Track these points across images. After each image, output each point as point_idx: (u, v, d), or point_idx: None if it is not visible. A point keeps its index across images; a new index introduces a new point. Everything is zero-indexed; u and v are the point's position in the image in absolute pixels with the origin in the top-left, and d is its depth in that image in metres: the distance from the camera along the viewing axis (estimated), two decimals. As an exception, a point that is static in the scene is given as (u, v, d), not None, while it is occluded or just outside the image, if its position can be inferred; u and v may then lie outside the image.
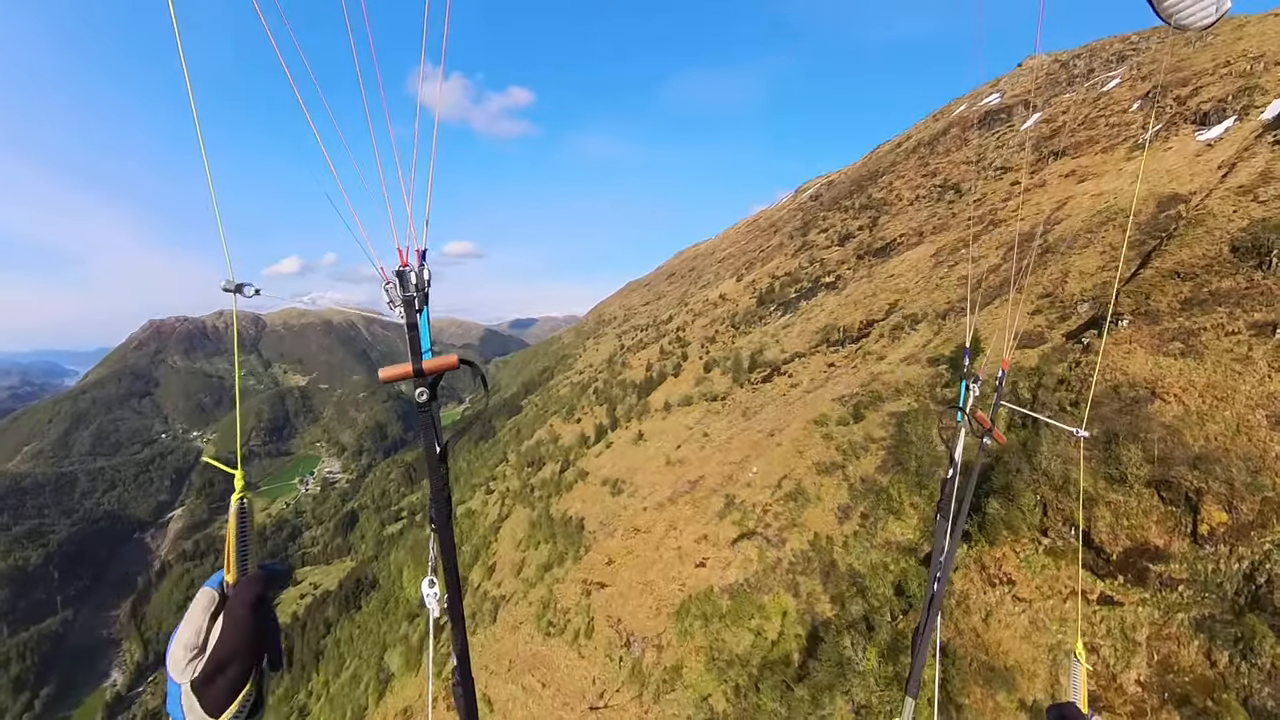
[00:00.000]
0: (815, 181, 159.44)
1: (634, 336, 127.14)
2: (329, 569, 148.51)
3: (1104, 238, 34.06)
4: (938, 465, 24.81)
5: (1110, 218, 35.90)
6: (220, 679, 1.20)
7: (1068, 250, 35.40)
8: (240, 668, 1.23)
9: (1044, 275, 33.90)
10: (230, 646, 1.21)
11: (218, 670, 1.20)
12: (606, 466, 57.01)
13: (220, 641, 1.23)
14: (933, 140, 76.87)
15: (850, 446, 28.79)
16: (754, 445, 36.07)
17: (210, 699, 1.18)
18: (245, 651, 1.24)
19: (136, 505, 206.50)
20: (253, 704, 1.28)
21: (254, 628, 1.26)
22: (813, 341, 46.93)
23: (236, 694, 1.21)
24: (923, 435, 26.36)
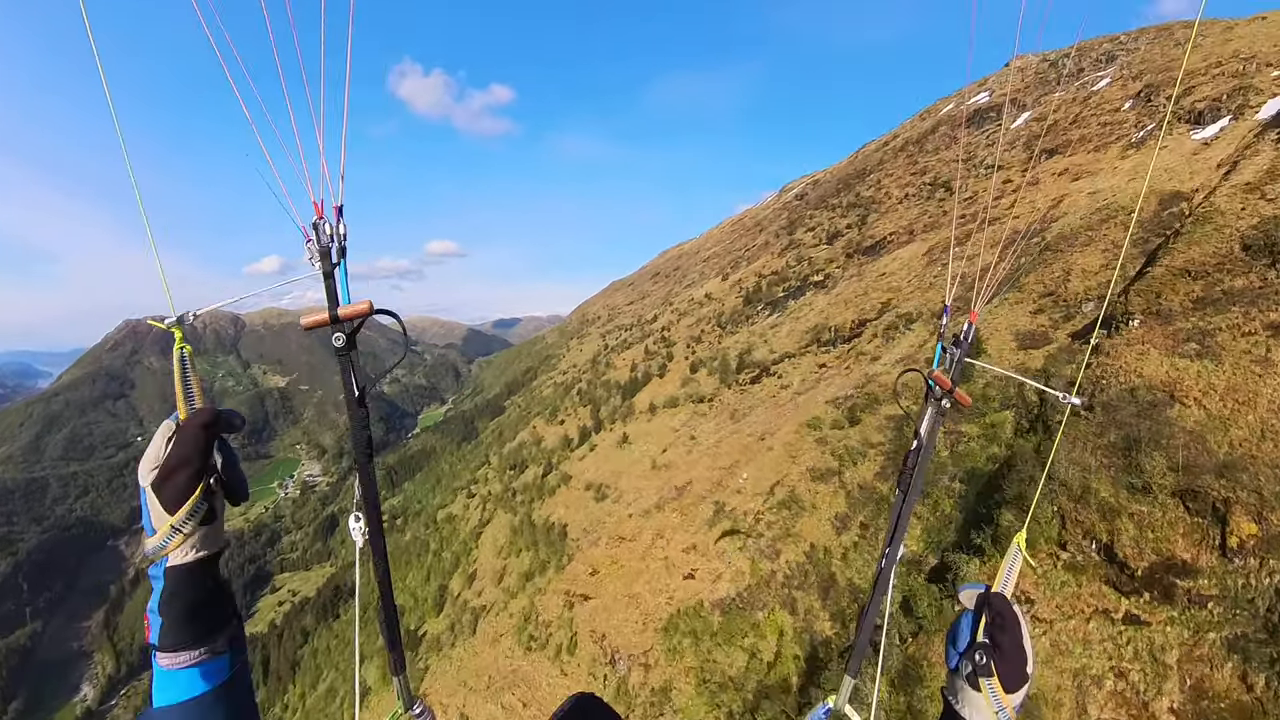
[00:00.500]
0: (800, 181, 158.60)
1: (618, 336, 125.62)
2: (308, 575, 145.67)
3: (1106, 235, 33.02)
4: (942, 472, 23.50)
5: (1111, 215, 34.91)
6: (171, 482, 1.40)
7: (1068, 248, 34.35)
8: (188, 474, 1.40)
9: (1045, 274, 32.80)
10: (180, 455, 1.40)
11: (169, 474, 1.40)
12: (590, 470, 55.39)
13: (171, 451, 1.40)
14: (921, 139, 76.01)
15: (847, 452, 27.41)
16: (744, 449, 34.65)
17: (165, 497, 1.40)
18: (192, 460, 1.41)
19: (110, 511, 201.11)
20: (205, 514, 1.46)
21: (199, 443, 1.42)
22: (803, 341, 45.61)
23: (186, 497, 1.40)
24: None
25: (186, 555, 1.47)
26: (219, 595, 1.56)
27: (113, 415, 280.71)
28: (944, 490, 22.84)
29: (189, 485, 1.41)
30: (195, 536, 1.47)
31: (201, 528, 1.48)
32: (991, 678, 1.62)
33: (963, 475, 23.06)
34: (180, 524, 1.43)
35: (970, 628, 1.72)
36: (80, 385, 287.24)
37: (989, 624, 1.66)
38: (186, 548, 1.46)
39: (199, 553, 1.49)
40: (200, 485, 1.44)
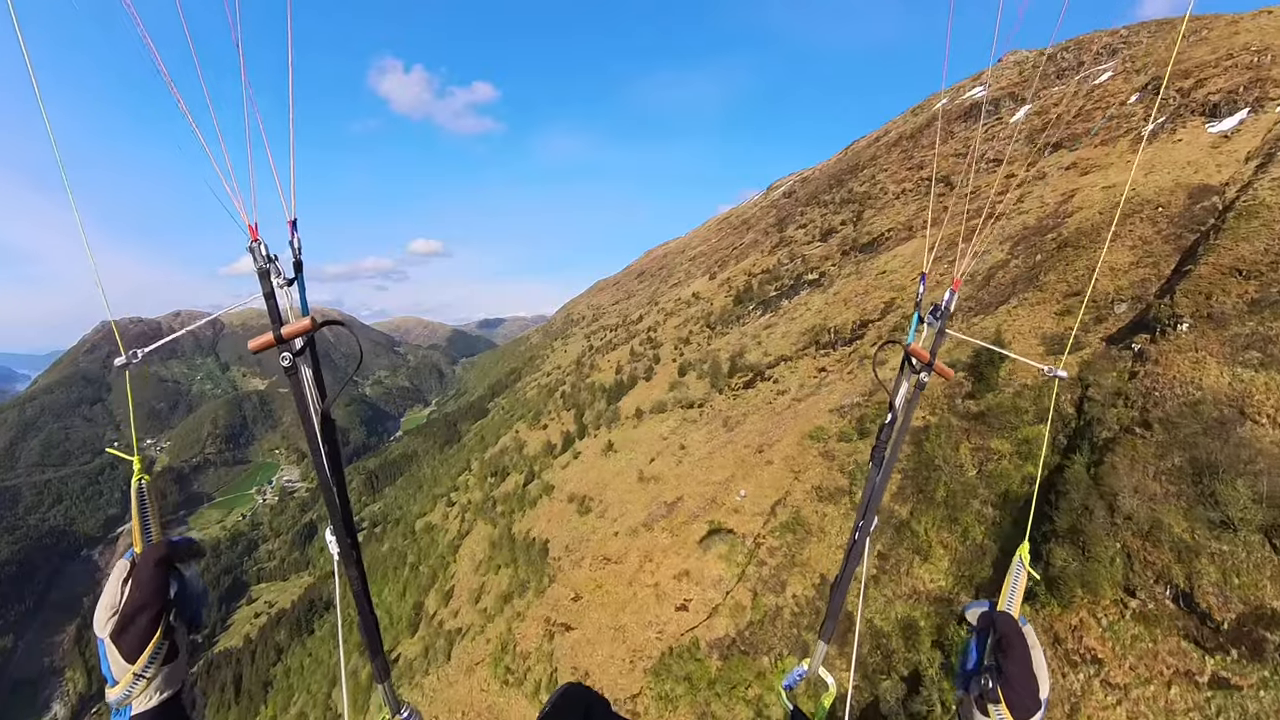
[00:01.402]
0: (788, 179, 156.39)
1: (603, 337, 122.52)
2: (285, 585, 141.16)
3: (1132, 231, 30.46)
4: (971, 495, 20.75)
5: (1135, 209, 32.38)
6: (131, 629, 1.38)
7: (1091, 244, 31.83)
8: (148, 618, 1.39)
9: (1067, 272, 30.23)
10: (136, 601, 1.38)
11: (128, 622, 1.38)
12: (573, 480, 52.30)
13: (128, 598, 1.38)
14: (915, 134, 73.69)
15: (858, 468, 24.60)
16: (740, 462, 31.79)
17: (125, 646, 1.37)
18: (150, 604, 1.39)
19: (84, 520, 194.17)
20: (166, 652, 1.44)
21: (155, 583, 1.40)
22: (800, 344, 42.84)
23: (147, 642, 1.38)
24: (949, 458, 22.25)
25: (150, 700, 1.43)
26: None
27: (88, 420, 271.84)
28: (974, 516, 20.07)
29: (149, 628, 1.38)
30: (159, 679, 1.44)
31: (164, 668, 1.44)
32: (999, 704, 1.52)
33: (995, 499, 20.30)
34: (142, 670, 1.39)
35: (977, 649, 1.67)
36: (55, 389, 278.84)
37: (994, 646, 1.60)
38: (151, 692, 1.43)
39: (163, 694, 1.45)
40: (160, 626, 1.40)
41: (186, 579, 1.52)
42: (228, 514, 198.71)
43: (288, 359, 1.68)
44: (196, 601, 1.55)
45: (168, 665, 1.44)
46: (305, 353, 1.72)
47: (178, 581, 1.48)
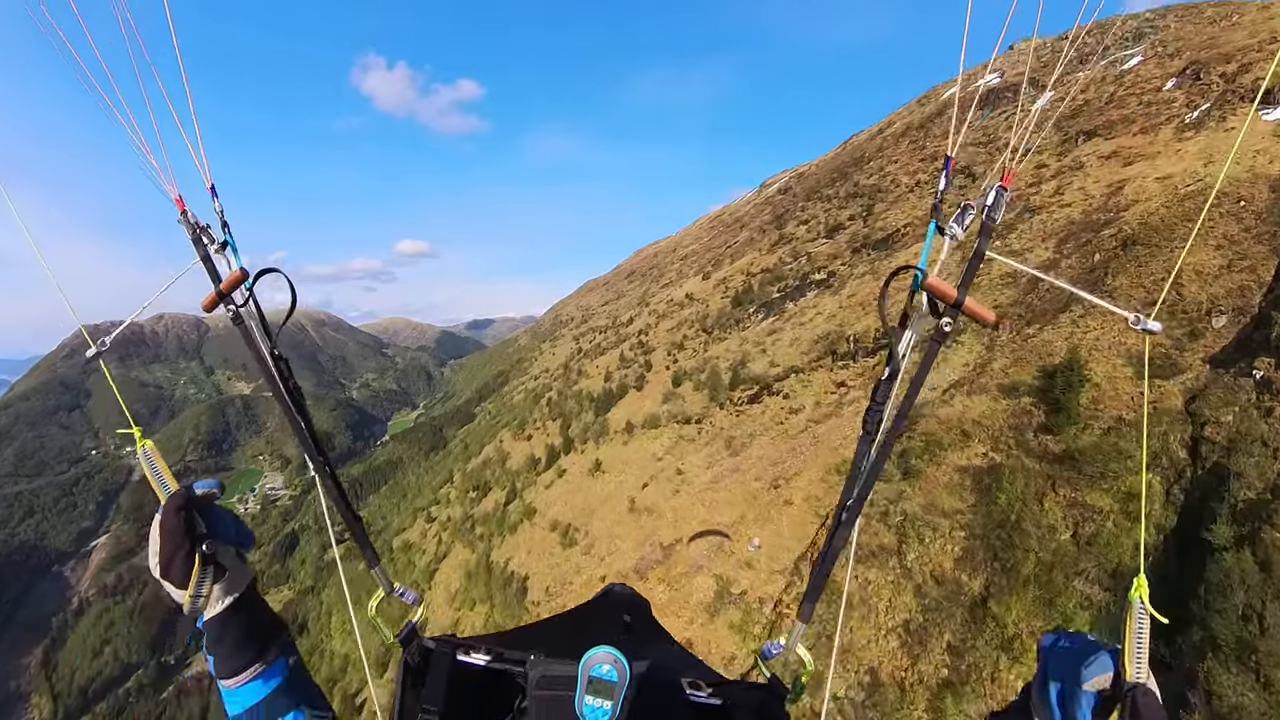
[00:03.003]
0: (782, 175, 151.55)
1: (591, 339, 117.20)
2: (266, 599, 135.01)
3: (1214, 228, 25.53)
4: (1067, 568, 15.71)
5: (1211, 204, 27.55)
6: (173, 567, 1.55)
7: (1163, 242, 26.93)
8: (183, 554, 1.55)
9: (1142, 275, 25.31)
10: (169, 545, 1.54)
11: (170, 561, 1.55)
12: (557, 504, 47.09)
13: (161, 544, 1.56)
14: (925, 123, 68.88)
15: (907, 520, 19.52)
16: (750, 498, 26.67)
17: (174, 580, 1.55)
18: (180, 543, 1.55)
19: (56, 534, 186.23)
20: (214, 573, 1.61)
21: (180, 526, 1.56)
22: (811, 352, 37.80)
23: (189, 573, 1.55)
24: (1032, 515, 17.17)
25: (215, 608, 1.63)
26: (257, 621, 1.70)
27: (65, 428, 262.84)
28: (1079, 600, 15.01)
29: (186, 563, 1.56)
30: (215, 593, 1.62)
31: (215, 585, 1.62)
32: None
33: (1102, 576, 15.27)
34: (195, 593, 1.58)
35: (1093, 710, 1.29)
36: (32, 396, 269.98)
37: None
38: (212, 604, 1.62)
39: (224, 601, 1.64)
40: (196, 558, 1.57)
41: (213, 515, 1.66)
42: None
43: (232, 309, 1.82)
44: (232, 528, 1.71)
45: (219, 582, 1.62)
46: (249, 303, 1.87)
47: (206, 519, 1.63)
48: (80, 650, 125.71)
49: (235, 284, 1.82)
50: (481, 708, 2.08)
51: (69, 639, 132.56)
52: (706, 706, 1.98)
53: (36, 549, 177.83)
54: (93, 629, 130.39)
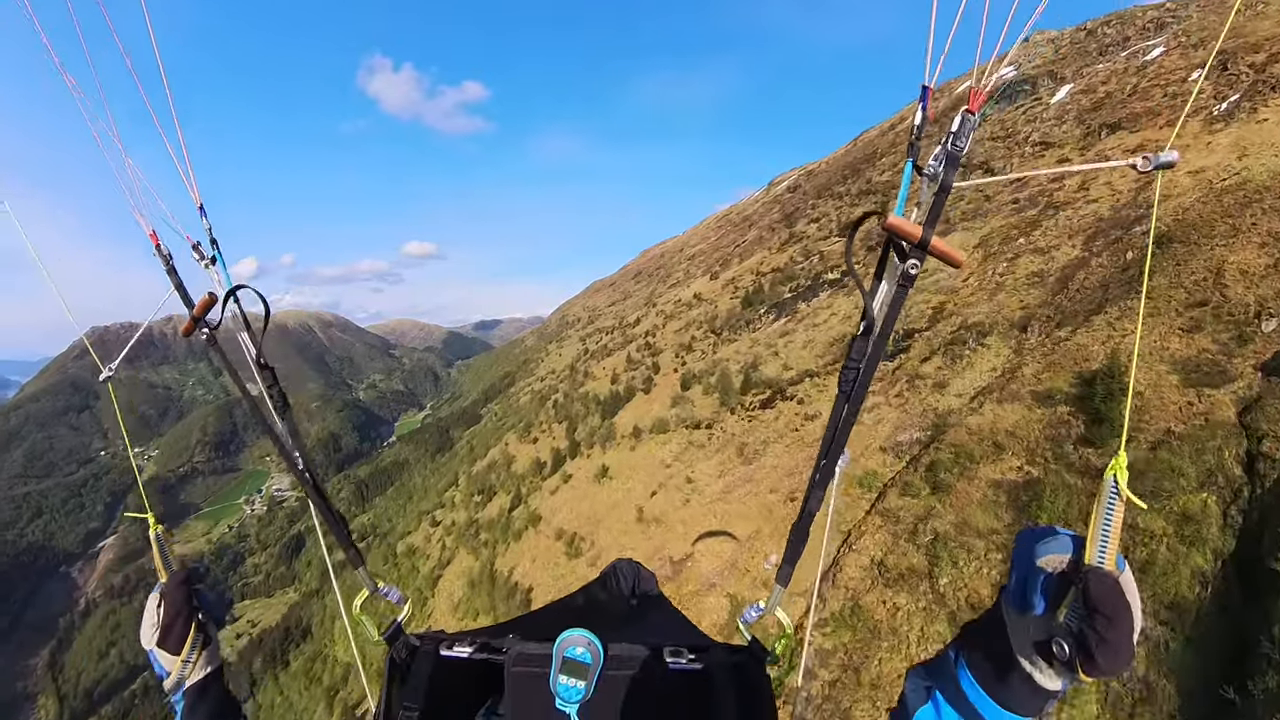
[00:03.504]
0: (791, 173, 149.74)
1: (598, 340, 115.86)
2: (270, 602, 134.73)
3: (1256, 224, 24.00)
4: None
5: (1250, 198, 26.00)
6: (171, 635, 1.72)
7: (1203, 240, 25.35)
8: (182, 622, 1.73)
9: (1182, 275, 23.71)
10: (172, 612, 1.72)
11: (168, 630, 1.72)
12: (563, 510, 45.77)
13: (164, 614, 1.72)
14: (942, 117, 67.16)
15: (938, 540, 18.07)
16: (765, 511, 25.27)
17: (170, 646, 1.72)
18: (181, 611, 1.72)
19: (64, 535, 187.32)
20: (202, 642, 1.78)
21: (183, 598, 1.73)
22: (827, 356, 36.29)
23: (184, 639, 1.72)
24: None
25: (197, 675, 1.77)
26: (227, 695, 1.87)
27: (74, 429, 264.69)
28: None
29: (184, 630, 1.72)
30: (201, 660, 1.77)
31: (203, 652, 1.78)
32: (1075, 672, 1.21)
33: (1160, 609, 13.81)
34: (188, 657, 1.73)
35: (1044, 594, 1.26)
36: (42, 397, 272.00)
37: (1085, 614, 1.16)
38: (198, 671, 1.76)
39: (205, 669, 1.79)
40: (193, 625, 1.74)
41: (204, 590, 1.82)
42: (214, 525, 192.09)
43: (205, 333, 1.85)
44: (216, 602, 1.85)
45: (205, 650, 1.78)
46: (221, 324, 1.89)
47: (197, 595, 1.79)
48: (86, 652, 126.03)
49: (206, 308, 1.84)
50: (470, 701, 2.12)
51: (75, 640, 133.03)
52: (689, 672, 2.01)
53: (44, 550, 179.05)
54: (99, 630, 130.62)
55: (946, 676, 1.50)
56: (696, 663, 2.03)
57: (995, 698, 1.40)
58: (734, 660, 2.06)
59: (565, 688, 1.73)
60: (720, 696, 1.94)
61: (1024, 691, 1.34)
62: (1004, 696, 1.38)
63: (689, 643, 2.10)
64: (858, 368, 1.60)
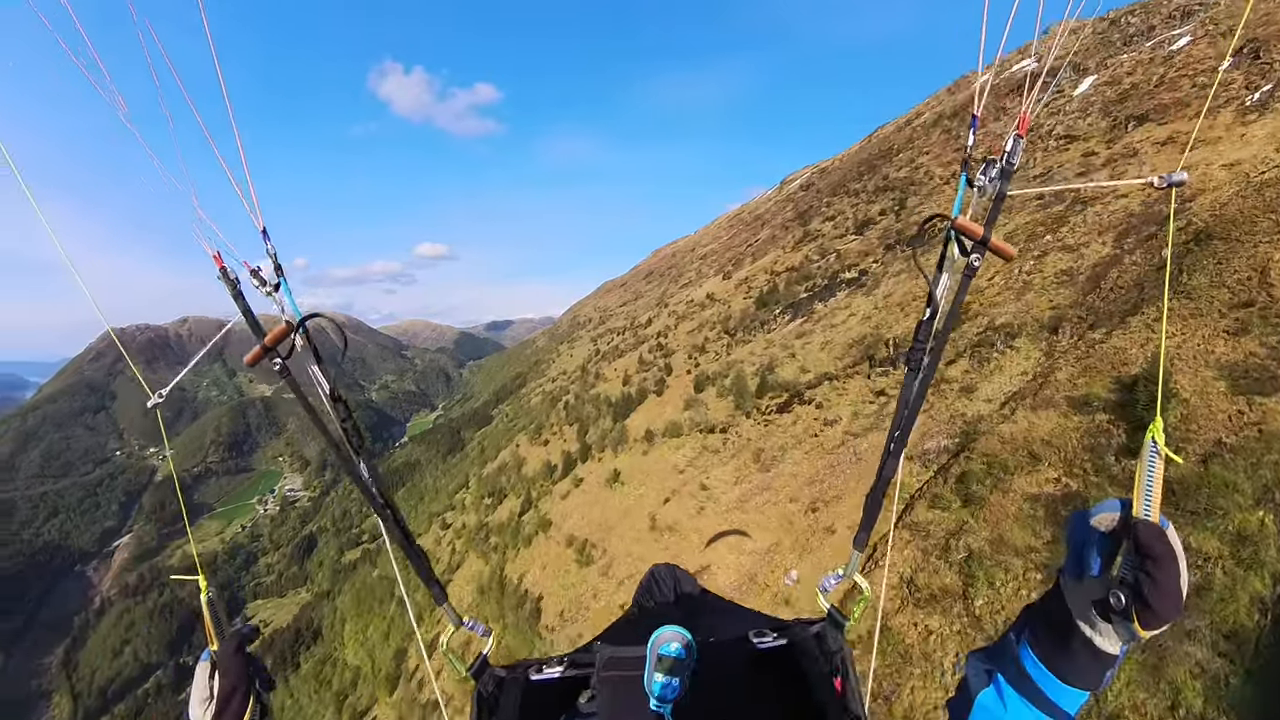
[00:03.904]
0: (803, 171, 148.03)
1: (609, 340, 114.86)
2: (282, 602, 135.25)
3: (1303, 217, 22.71)
4: (1180, 630, 13.08)
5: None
6: (228, 710, 1.61)
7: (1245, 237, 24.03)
8: (240, 697, 1.63)
9: (1224, 273, 22.42)
10: (227, 687, 1.62)
11: (225, 704, 1.61)
12: (574, 516, 44.83)
13: (220, 686, 1.62)
14: (958, 112, 65.66)
15: (973, 558, 16.96)
16: (786, 523, 24.18)
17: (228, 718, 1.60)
18: (239, 684, 1.63)
19: (79, 534, 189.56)
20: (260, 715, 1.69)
21: (240, 667, 1.65)
22: (846, 358, 35.09)
23: (244, 712, 1.62)
24: None
25: None
26: None
27: (91, 430, 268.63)
28: (1188, 670, 12.41)
29: (242, 704, 1.62)
30: None
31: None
32: (1131, 622, 1.33)
33: (1218, 638, 12.66)
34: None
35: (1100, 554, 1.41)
36: (59, 398, 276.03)
37: (1134, 560, 1.31)
38: None
39: None
40: (251, 699, 1.64)
41: (255, 657, 1.73)
42: (227, 525, 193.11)
43: (278, 364, 1.74)
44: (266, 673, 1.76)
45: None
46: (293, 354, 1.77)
47: (252, 662, 1.70)
48: (101, 650, 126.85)
49: (280, 337, 1.71)
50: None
51: (90, 639, 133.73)
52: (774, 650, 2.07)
53: (60, 549, 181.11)
54: (113, 629, 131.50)
55: (1008, 658, 1.57)
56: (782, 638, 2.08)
57: (1057, 672, 1.48)
58: (815, 631, 2.12)
59: (660, 685, 1.67)
60: (809, 665, 1.97)
61: (1084, 659, 1.44)
62: (1065, 669, 1.47)
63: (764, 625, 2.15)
64: (924, 348, 1.91)
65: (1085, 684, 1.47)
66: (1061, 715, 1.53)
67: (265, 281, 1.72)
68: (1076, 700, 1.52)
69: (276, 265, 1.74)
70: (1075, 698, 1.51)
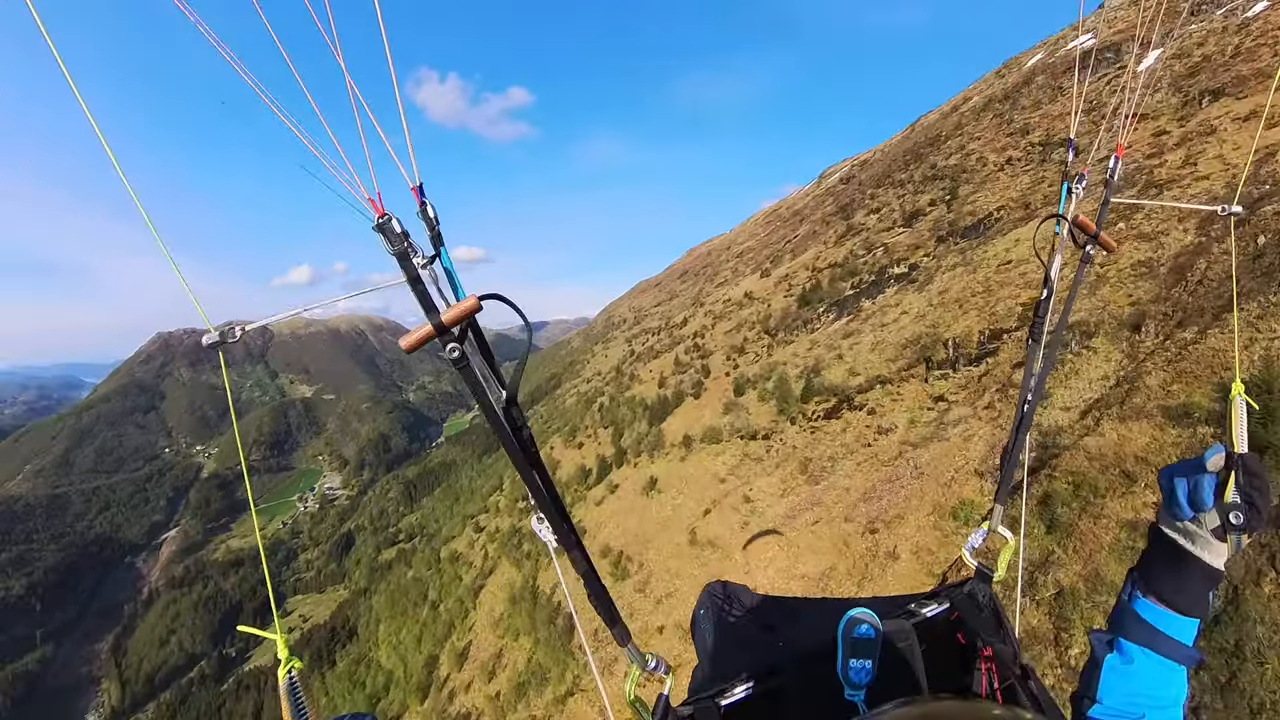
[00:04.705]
0: (842, 164, 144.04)
1: (644, 341, 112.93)
2: (321, 598, 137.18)
3: None
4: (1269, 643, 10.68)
5: None
6: None
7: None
8: None
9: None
10: None
11: None
12: (608, 525, 43.04)
13: None
14: (1009, 95, 62.05)
15: (1065, 596, 14.56)
16: (840, 544, 21.98)
17: None
18: None
19: (129, 527, 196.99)
20: None
21: None
22: (900, 359, 32.58)
23: None
24: (1249, 597, 12.13)
25: None
26: None
27: (141, 428, 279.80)
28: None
29: None
30: None
31: None
32: (1245, 534, 1.64)
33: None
34: None
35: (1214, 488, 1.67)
36: (112, 398, 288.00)
37: (1246, 483, 1.64)
38: None
39: None
40: None
41: None
42: (269, 521, 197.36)
43: (456, 350, 1.40)
44: None
45: None
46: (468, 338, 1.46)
47: None
48: (148, 639, 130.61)
49: (464, 316, 1.39)
50: None
51: (138, 628, 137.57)
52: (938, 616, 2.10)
53: (111, 540, 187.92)
54: (160, 619, 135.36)
55: (1125, 617, 1.78)
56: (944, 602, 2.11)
57: (1173, 604, 1.72)
58: (968, 590, 2.19)
59: (856, 669, 1.69)
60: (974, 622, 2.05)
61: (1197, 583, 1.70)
62: (1180, 600, 1.71)
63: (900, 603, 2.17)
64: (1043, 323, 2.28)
65: (1199, 609, 1.70)
66: (1179, 649, 1.71)
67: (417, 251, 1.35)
68: (1191, 629, 1.73)
69: (435, 231, 1.37)
70: (1189, 626, 1.72)
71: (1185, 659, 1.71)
